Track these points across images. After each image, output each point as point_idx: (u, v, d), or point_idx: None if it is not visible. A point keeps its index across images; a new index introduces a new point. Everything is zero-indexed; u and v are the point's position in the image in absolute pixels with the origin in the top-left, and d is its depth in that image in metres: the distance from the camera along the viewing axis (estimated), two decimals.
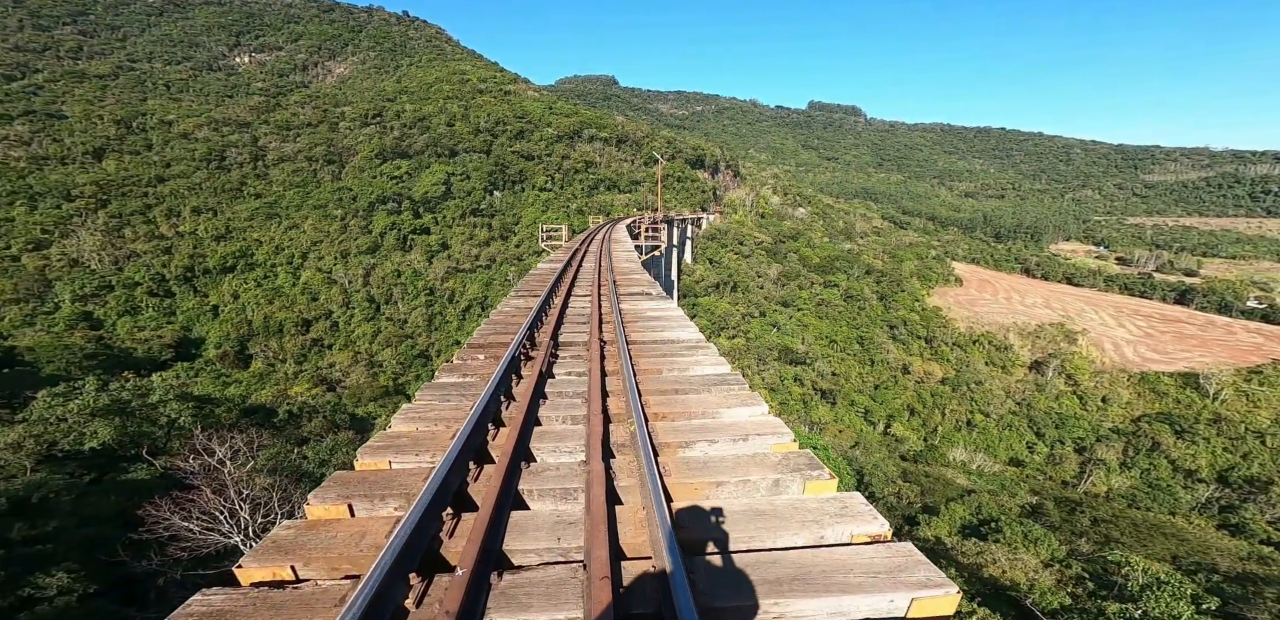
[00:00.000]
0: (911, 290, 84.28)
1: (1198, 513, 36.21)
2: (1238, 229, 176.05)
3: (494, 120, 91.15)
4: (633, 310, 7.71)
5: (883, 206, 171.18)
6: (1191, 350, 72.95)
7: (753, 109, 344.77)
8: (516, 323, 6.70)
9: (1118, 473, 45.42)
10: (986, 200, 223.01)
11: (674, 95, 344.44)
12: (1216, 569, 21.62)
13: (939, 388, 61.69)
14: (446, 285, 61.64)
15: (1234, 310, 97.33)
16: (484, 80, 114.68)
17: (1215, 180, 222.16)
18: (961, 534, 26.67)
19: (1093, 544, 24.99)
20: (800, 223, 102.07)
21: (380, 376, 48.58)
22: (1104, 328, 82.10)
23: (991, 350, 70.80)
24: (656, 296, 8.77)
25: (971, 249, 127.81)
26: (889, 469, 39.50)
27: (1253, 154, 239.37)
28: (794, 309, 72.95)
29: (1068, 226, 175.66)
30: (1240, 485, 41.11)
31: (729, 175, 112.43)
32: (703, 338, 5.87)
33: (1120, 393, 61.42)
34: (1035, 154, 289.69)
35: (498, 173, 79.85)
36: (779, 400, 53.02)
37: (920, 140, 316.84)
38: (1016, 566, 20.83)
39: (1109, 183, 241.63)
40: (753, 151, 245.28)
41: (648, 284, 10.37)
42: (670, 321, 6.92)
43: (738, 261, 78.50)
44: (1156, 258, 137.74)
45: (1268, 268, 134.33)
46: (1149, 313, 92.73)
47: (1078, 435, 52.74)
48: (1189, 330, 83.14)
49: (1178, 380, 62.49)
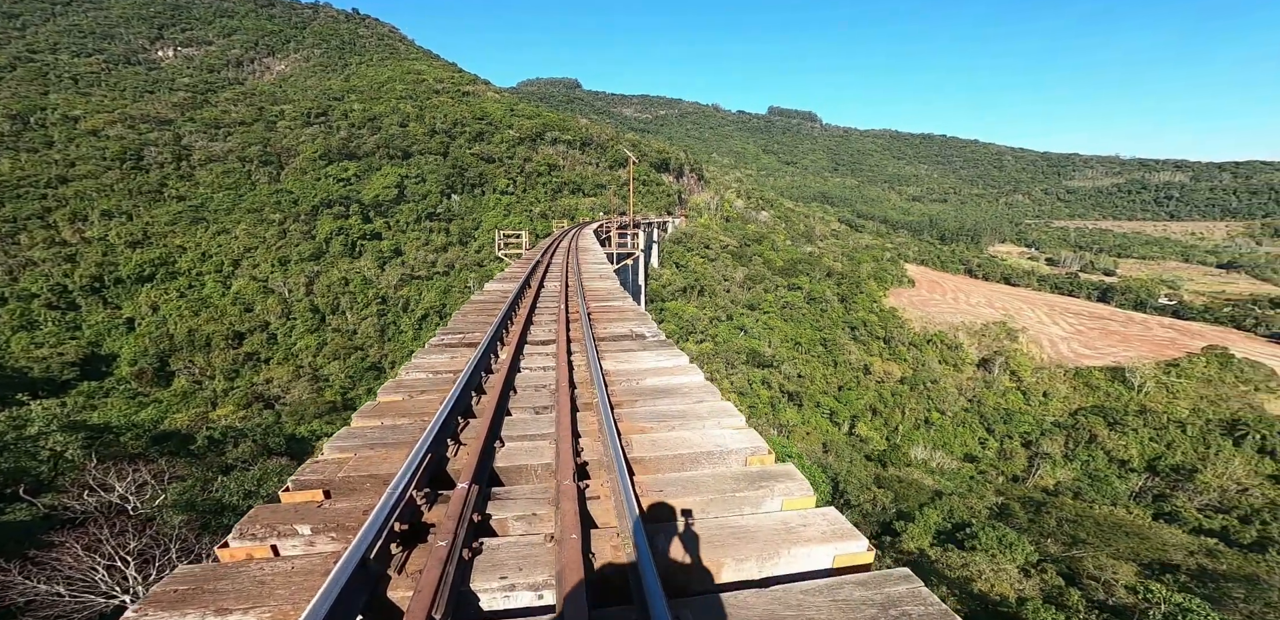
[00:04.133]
0: (869, 292, 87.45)
1: (1135, 502, 39.36)
2: (1146, 232, 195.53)
3: (451, 121, 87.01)
4: (623, 377, 4.78)
5: (839, 210, 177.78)
6: (1116, 345, 79.77)
7: (715, 113, 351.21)
8: (403, 436, 3.60)
9: (1062, 465, 48.74)
10: (932, 204, 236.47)
11: (638, 99, 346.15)
12: (1179, 567, 23.13)
13: (898, 387, 64.25)
14: (401, 293, 58.03)
15: (1148, 307, 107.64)
16: (441, 80, 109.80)
17: (1126, 186, 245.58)
18: (939, 541, 27.41)
19: (1061, 545, 26.25)
20: (764, 226, 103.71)
21: (326, 391, 45.32)
22: (1041, 325, 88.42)
23: (944, 349, 74.56)
24: (652, 340, 6.08)
25: (921, 251, 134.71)
26: (862, 475, 40.56)
27: (1156, 162, 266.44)
28: (760, 312, 73.93)
29: (1003, 229, 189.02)
30: (1167, 473, 45.08)
31: (693, 179, 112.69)
32: (756, 436, 3.44)
33: (1058, 387, 66.17)
34: (973, 160, 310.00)
35: (456, 175, 76.07)
36: (748, 404, 53.60)
37: (871, 146, 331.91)
38: (1001, 578, 21.44)
39: (1037, 188, 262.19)
40: (716, 155, 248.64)
41: (635, 316, 7.61)
42: (686, 395, 4.30)
43: (704, 265, 78.58)
44: (1080, 258, 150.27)
45: (1174, 267, 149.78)
46: (1078, 310, 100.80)
47: (1024, 430, 56.28)
48: (1113, 326, 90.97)
49: (1106, 374, 68.04)
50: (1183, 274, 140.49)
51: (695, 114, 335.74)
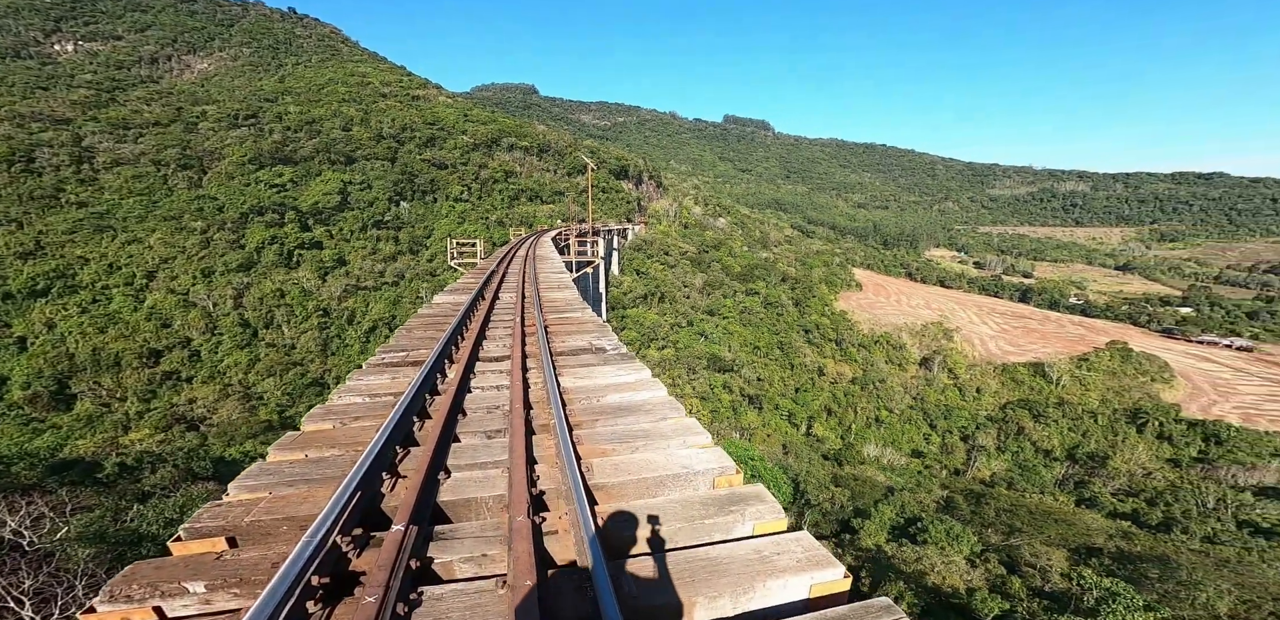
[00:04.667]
0: (821, 295, 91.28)
1: (1059, 489, 42.84)
2: (1056, 236, 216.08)
3: (400, 126, 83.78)
4: (582, 395, 4.48)
5: (791, 216, 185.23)
6: (1036, 343, 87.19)
7: (672, 121, 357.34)
8: (330, 471, 3.18)
9: (995, 457, 52.41)
10: (875, 210, 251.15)
11: (596, 106, 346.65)
12: (1102, 550, 25.20)
13: (850, 387, 67.14)
14: (345, 305, 54.72)
15: (1061, 306, 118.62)
16: (388, 84, 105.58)
17: (1038, 195, 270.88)
18: (894, 536, 28.58)
19: (1000, 534, 28.01)
20: (721, 232, 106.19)
21: (261, 410, 42.09)
22: (972, 325, 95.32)
23: (890, 349, 78.81)
24: (613, 354, 5.76)
25: (866, 256, 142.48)
26: (820, 475, 41.81)
27: (1062, 172, 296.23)
28: (719, 317, 75.31)
29: (937, 234, 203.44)
30: (1084, 461, 49.44)
31: (652, 186, 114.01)
32: (723, 455, 3.28)
33: (989, 383, 71.42)
34: (910, 169, 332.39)
35: (405, 182, 73.08)
36: (710, 408, 54.34)
37: (820, 154, 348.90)
38: (951, 570, 22.57)
39: (964, 196, 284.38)
40: (674, 163, 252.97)
41: (595, 328, 7.25)
42: (649, 413, 4.05)
43: (664, 272, 79.37)
44: (1003, 262, 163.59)
45: (1080, 269, 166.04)
46: (1003, 310, 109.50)
47: (961, 425, 60.19)
48: (1033, 325, 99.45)
49: (1029, 370, 74.18)
50: (1087, 275, 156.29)
51: (653, 121, 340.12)
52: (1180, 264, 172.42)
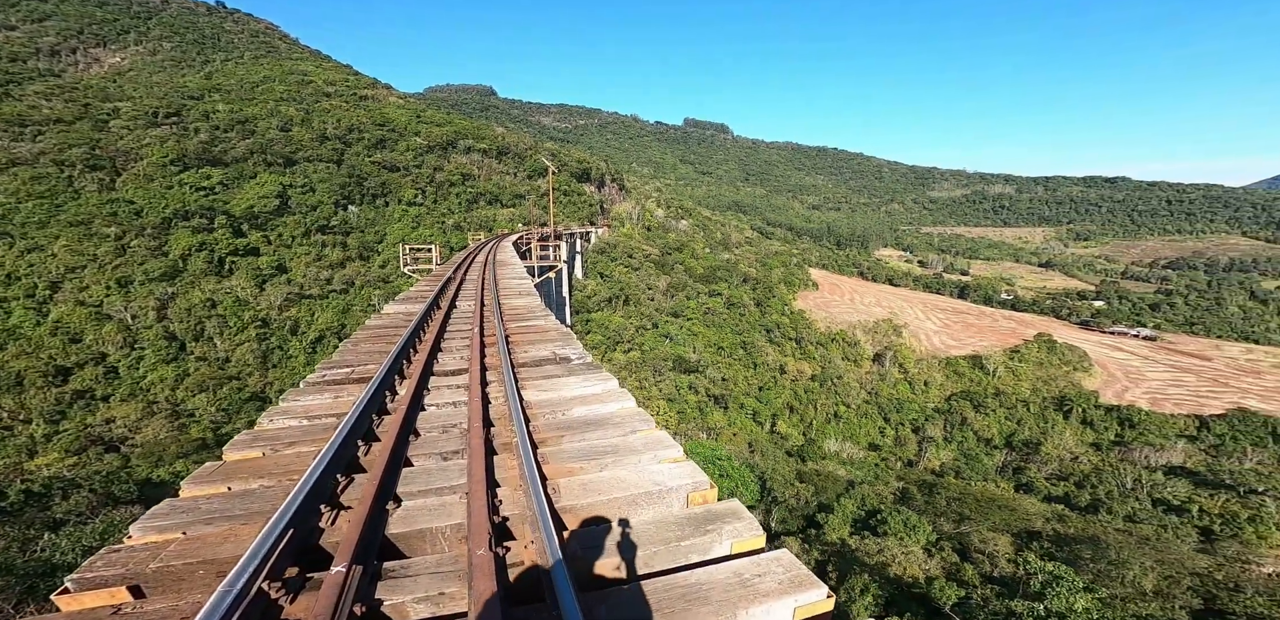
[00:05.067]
0: (781, 295, 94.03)
1: (1000, 476, 45.88)
2: (988, 236, 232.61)
3: (346, 127, 79.70)
4: (547, 409, 4.24)
5: (751, 218, 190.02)
6: (974, 336, 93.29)
7: (634, 124, 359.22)
8: (258, 505, 2.86)
9: (944, 447, 55.55)
10: (828, 212, 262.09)
11: (556, 108, 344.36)
12: (1041, 534, 27.06)
13: (810, 384, 69.43)
14: (288, 314, 51.23)
15: (994, 301, 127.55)
16: (332, 83, 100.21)
17: (971, 197, 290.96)
18: (856, 529, 29.60)
19: (951, 522, 29.57)
20: (683, 235, 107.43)
21: (193, 428, 38.95)
22: (918, 321, 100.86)
23: (845, 346, 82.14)
24: (578, 364, 5.50)
25: (821, 256, 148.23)
26: (785, 471, 42.86)
27: (992, 176, 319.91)
28: (684, 319, 76.07)
29: (885, 235, 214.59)
30: (1020, 448, 53.18)
31: (615, 189, 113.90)
32: (696, 469, 3.18)
33: (935, 376, 75.73)
34: (859, 172, 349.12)
35: (353, 185, 69.55)
36: (677, 409, 54.76)
37: (777, 157, 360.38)
38: (911, 560, 23.61)
39: (908, 198, 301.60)
40: (635, 165, 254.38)
41: (559, 336, 6.90)
42: (617, 426, 3.86)
43: (628, 275, 79.38)
44: (943, 260, 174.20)
45: (1009, 267, 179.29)
46: (945, 306, 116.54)
47: (912, 417, 63.46)
48: (970, 319, 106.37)
49: (969, 362, 79.20)
50: (1015, 272, 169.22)
51: (615, 124, 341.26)
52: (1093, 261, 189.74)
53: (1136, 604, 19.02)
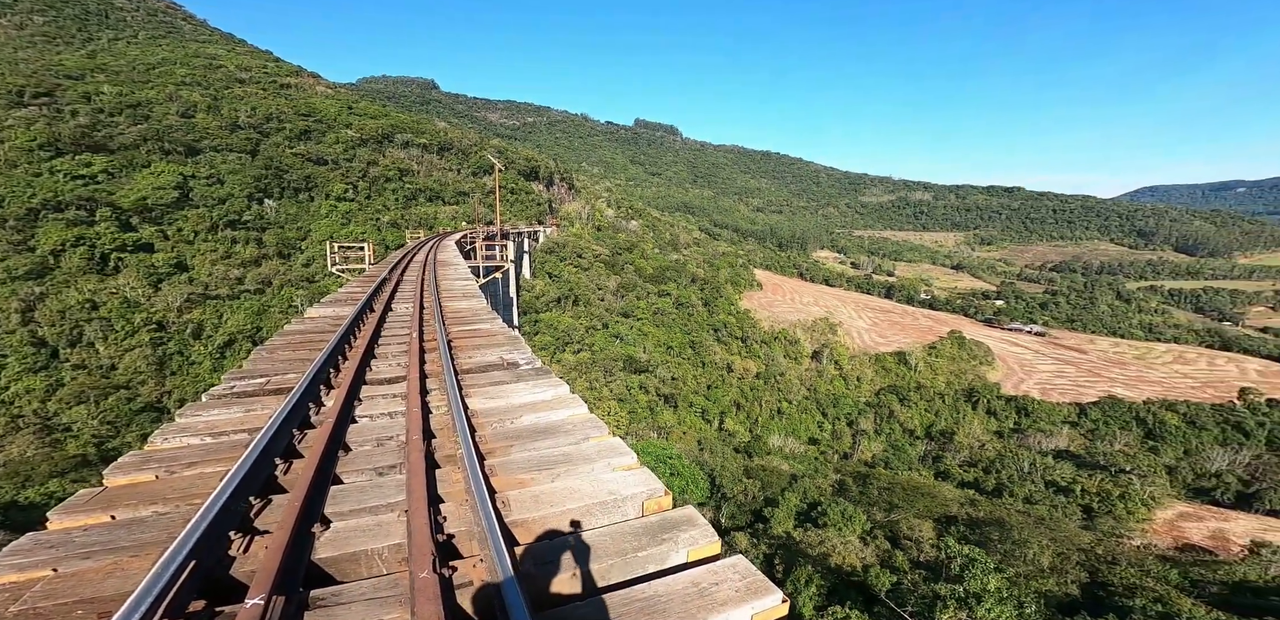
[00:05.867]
0: (728, 295, 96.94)
1: (922, 465, 50.02)
2: (910, 240, 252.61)
3: (264, 116, 72.92)
4: (494, 417, 4.08)
5: (699, 219, 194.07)
6: (899, 334, 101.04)
7: (584, 123, 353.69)
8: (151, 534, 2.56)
9: (874, 439, 59.71)
10: (771, 215, 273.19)
11: (504, 104, 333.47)
12: (957, 518, 29.75)
13: (755, 382, 72.19)
14: (189, 317, 45.99)
15: (914, 301, 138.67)
16: (247, 69, 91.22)
17: (896, 203, 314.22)
18: (800, 522, 31.16)
19: (883, 511, 31.88)
20: (633, 235, 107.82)
21: (69, 444, 34.50)
22: (851, 320, 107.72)
23: (787, 345, 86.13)
24: (527, 369, 5.28)
25: (765, 257, 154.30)
26: (733, 468, 44.31)
27: (914, 183, 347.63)
28: (634, 319, 76.59)
29: (822, 237, 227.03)
30: (938, 437, 58.22)
31: (564, 188, 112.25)
32: (650, 476, 3.14)
33: (866, 372, 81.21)
34: (800, 176, 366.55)
35: (271, 177, 63.69)
36: (628, 409, 55.27)
37: (723, 160, 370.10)
38: (849, 550, 25.22)
39: (842, 202, 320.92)
40: (585, 165, 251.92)
41: (506, 340, 6.62)
42: (569, 433, 3.78)
43: (578, 275, 78.61)
44: (872, 262, 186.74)
45: (927, 269, 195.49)
46: (874, 306, 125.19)
47: (847, 411, 67.69)
48: (895, 318, 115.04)
49: (895, 358, 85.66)
50: (932, 274, 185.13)
51: (564, 123, 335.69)
52: (994, 263, 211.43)
53: (1037, 581, 21.46)
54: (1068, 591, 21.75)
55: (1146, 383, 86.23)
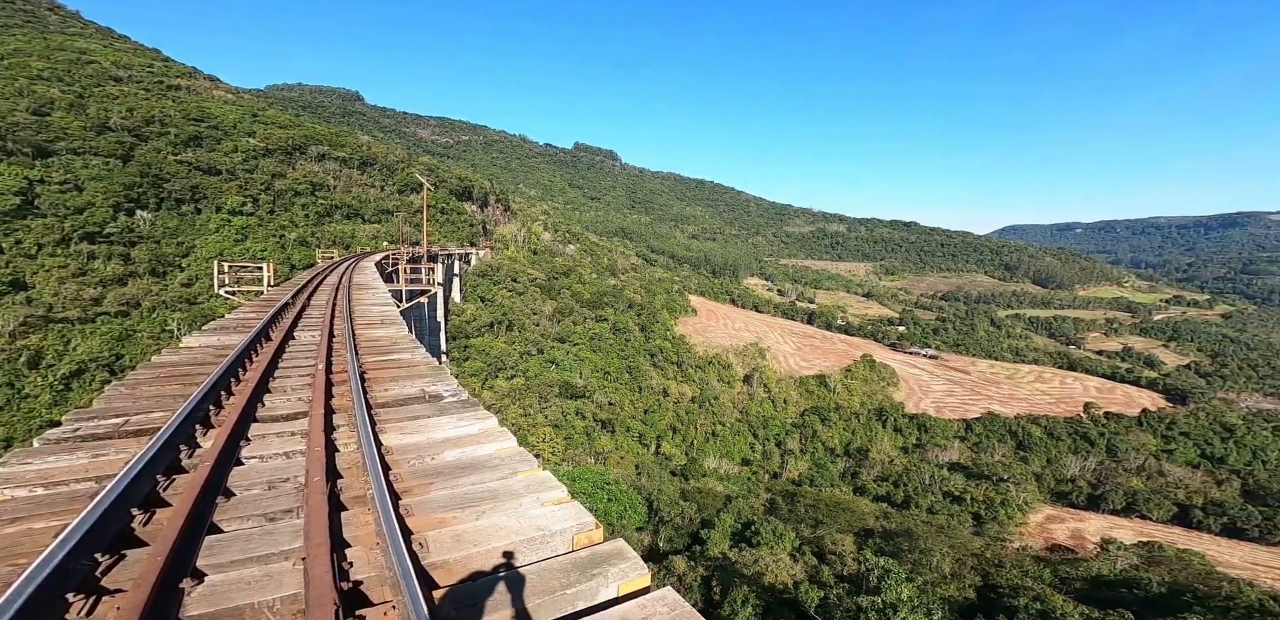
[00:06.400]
0: (664, 321, 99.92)
1: (842, 481, 54.71)
2: (828, 269, 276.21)
3: (143, 118, 65.38)
4: (413, 454, 3.96)
5: (636, 245, 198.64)
6: (820, 358, 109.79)
7: (523, 144, 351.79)
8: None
9: (800, 458, 64.13)
10: (705, 242, 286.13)
11: (436, 121, 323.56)
12: (873, 531, 33.12)
13: (691, 406, 74.75)
14: (25, 343, 39.42)
15: (832, 327, 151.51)
16: (127, 66, 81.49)
17: (816, 234, 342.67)
18: (735, 542, 32.87)
19: (809, 527, 34.56)
20: (571, 259, 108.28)
21: None
22: (778, 344, 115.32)
23: (720, 369, 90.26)
24: (451, 401, 5.17)
25: (700, 283, 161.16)
26: (670, 491, 45.44)
27: (830, 215, 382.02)
28: (570, 344, 76.56)
29: (751, 265, 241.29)
30: (855, 454, 63.91)
31: (499, 209, 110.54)
32: (580, 510, 3.16)
33: (792, 394, 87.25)
34: (732, 205, 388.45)
35: (147, 186, 56.92)
36: (564, 436, 54.64)
37: (661, 186, 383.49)
38: (780, 567, 27.16)
39: (769, 232, 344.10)
40: (523, 186, 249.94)
41: (429, 371, 6.36)
42: (496, 468, 3.73)
43: (512, 299, 77.52)
44: (796, 290, 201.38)
45: (843, 296, 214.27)
46: (798, 331, 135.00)
47: (775, 432, 72.16)
48: (817, 343, 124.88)
49: (816, 381, 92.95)
50: (847, 301, 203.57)
51: (502, 143, 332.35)
52: (897, 292, 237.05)
53: (941, 587, 24.59)
54: (966, 595, 25.00)
55: (1015, 400, 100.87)
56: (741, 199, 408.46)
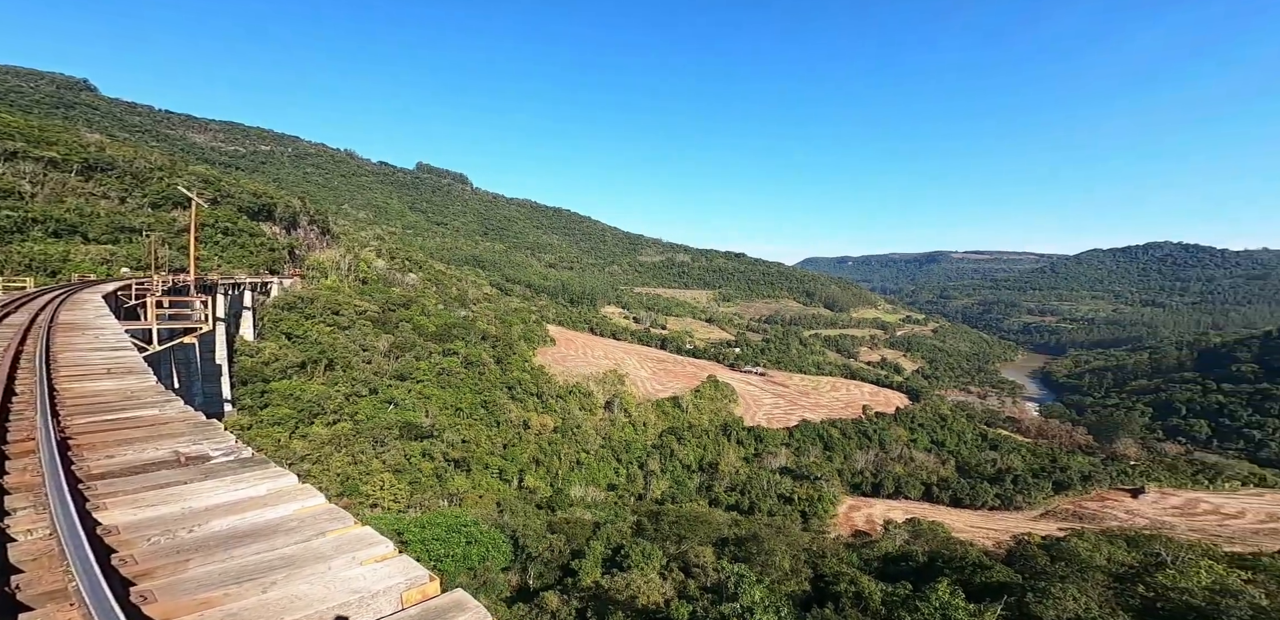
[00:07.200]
0: (521, 352, 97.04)
1: (699, 495, 59.23)
2: (676, 297, 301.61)
3: None
4: (158, 529, 3.33)
5: (490, 274, 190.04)
6: (674, 381, 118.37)
7: (349, 160, 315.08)
8: None
9: (661, 477, 67.52)
10: (563, 270, 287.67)
11: (220, 125, 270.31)
12: (728, 540, 36.53)
13: (553, 436, 73.32)
14: None
15: (682, 351, 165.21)
16: None
17: (665, 263, 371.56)
18: (607, 569, 32.85)
19: (674, 544, 36.54)
20: (412, 289, 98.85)
21: None
22: (636, 370, 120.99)
23: (581, 397, 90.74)
24: (223, 462, 4.49)
25: (558, 313, 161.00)
26: (536, 525, 43.50)
27: (677, 245, 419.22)
28: (413, 381, 69.86)
29: (608, 293, 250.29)
30: (707, 468, 69.87)
31: (315, 232, 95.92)
32: (411, 564, 2.96)
33: (650, 417, 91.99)
34: (589, 234, 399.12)
35: None
36: (408, 480, 50.60)
37: (516, 213, 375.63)
38: (652, 587, 28.11)
39: (624, 261, 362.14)
40: (348, 208, 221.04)
41: (189, 429, 5.38)
42: (293, 532, 3.34)
43: (332, 335, 67.48)
44: (650, 317, 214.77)
45: (690, 322, 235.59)
46: (652, 356, 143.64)
47: (638, 455, 74.94)
48: (670, 367, 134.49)
49: (671, 402, 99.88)
50: (693, 327, 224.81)
51: (319, 157, 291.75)
52: (732, 317, 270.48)
53: (784, 584, 28.28)
54: (803, 589, 29.09)
55: (820, 407, 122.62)
56: (598, 228, 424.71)
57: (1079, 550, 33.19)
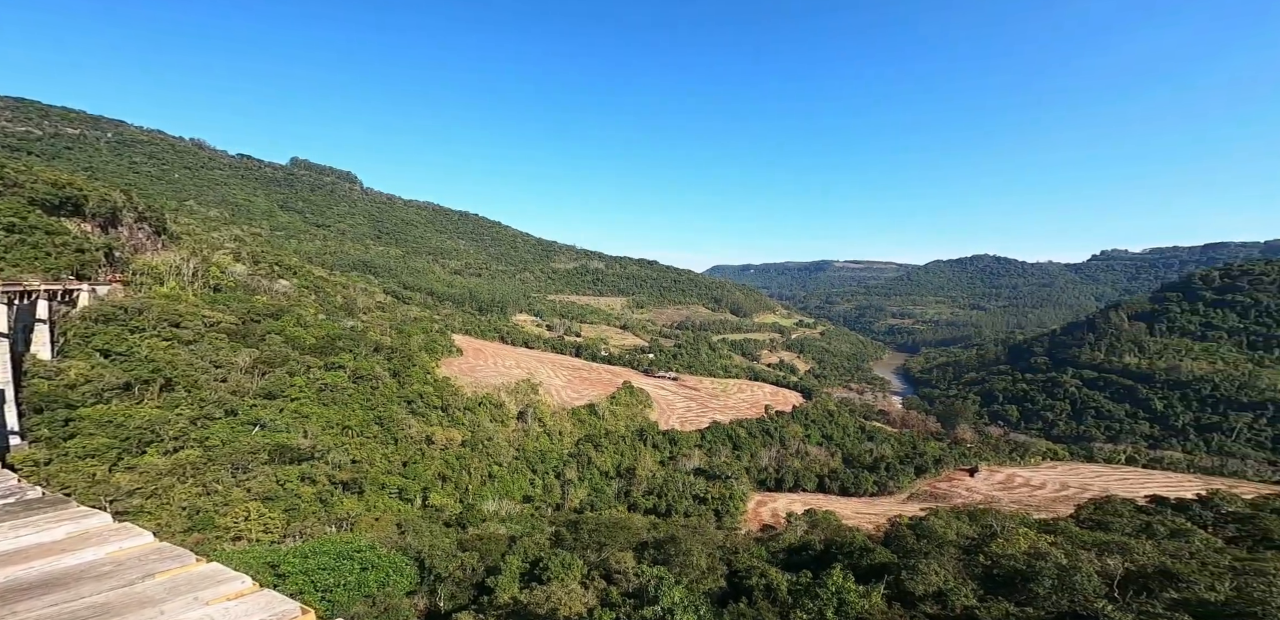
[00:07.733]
0: (422, 364, 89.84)
1: (618, 501, 59.07)
2: (591, 304, 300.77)
3: None
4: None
5: (384, 281, 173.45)
6: (589, 388, 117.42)
7: (196, 151, 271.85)
8: None
9: (579, 486, 66.27)
10: (470, 277, 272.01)
11: (8, 102, 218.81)
12: (648, 543, 36.77)
13: (461, 451, 68.73)
14: None
15: (597, 358, 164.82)
16: None
17: (579, 270, 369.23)
18: (525, 583, 31.31)
19: (595, 552, 35.96)
20: (283, 298, 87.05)
21: None
22: (550, 379, 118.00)
23: (492, 409, 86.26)
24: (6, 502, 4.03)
25: (465, 322, 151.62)
26: (445, 544, 40.34)
27: (592, 252, 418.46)
28: (286, 399, 61.62)
29: (520, 301, 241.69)
30: (626, 474, 70.02)
31: (146, 232, 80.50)
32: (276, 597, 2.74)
33: (566, 425, 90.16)
34: (499, 240, 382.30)
35: None
36: (285, 507, 46.45)
37: (415, 216, 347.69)
38: (574, 598, 27.31)
39: (537, 267, 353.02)
40: (196, 204, 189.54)
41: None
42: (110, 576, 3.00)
43: (171, 350, 57.14)
44: (564, 324, 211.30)
45: (605, 329, 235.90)
46: (567, 364, 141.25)
47: (554, 465, 72.87)
48: (585, 374, 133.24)
49: (587, 410, 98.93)
50: (607, 333, 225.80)
51: (154, 145, 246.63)
52: (646, 323, 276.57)
53: (702, 583, 29.12)
54: (720, 585, 30.21)
55: (729, 408, 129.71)
56: (508, 234, 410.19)
57: (936, 528, 38.38)
